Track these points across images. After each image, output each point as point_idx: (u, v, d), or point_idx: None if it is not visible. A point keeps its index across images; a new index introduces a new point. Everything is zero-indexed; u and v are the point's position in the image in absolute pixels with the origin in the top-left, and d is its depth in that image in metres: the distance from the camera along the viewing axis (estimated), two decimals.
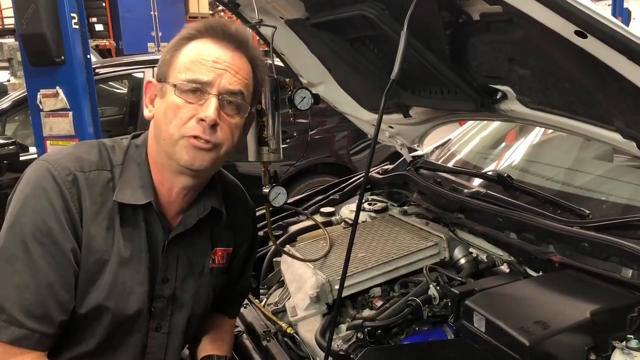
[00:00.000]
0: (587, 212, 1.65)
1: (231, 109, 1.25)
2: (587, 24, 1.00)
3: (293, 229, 2.28)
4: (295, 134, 4.60)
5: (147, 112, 1.30)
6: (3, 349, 1.16)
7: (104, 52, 11.55)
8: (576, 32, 1.04)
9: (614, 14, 8.94)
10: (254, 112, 1.41)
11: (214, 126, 1.21)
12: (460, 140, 2.62)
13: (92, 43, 9.67)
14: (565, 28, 1.05)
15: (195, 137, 1.21)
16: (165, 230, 1.31)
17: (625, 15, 9.23)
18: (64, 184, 1.20)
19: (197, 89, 1.21)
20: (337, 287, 1.63)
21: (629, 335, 1.23)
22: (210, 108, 1.20)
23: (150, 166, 1.30)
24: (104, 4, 12.13)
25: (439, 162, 2.44)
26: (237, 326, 1.72)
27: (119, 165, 1.29)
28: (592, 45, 1.05)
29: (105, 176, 1.26)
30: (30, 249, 1.16)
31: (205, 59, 1.22)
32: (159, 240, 1.31)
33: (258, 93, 1.35)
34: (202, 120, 1.20)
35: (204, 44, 1.24)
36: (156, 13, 12.86)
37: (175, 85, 1.21)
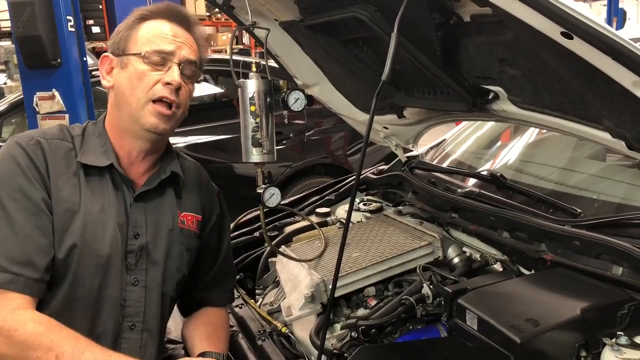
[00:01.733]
0: (579, 210, 1.67)
1: (188, 77, 1.44)
2: (572, 25, 1.01)
3: (289, 229, 2.29)
4: (291, 135, 4.61)
5: (105, 82, 1.47)
6: None
7: (100, 55, 11.53)
8: (562, 34, 1.05)
9: (609, 14, 8.97)
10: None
11: (177, 89, 1.40)
12: (454, 140, 2.63)
13: (88, 45, 9.64)
14: (551, 29, 1.07)
15: (161, 100, 1.39)
16: (130, 190, 1.45)
17: (620, 16, 9.24)
18: (28, 146, 1.35)
19: (162, 58, 1.40)
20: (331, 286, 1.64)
21: (619, 332, 1.24)
22: (175, 73, 1.40)
23: (110, 135, 1.46)
24: (100, 6, 12.10)
25: (433, 162, 2.45)
26: (232, 326, 1.73)
27: (78, 137, 1.44)
28: (579, 46, 1.07)
29: (67, 145, 1.41)
30: (5, 206, 1.29)
31: (167, 33, 1.42)
32: (127, 199, 1.44)
33: (202, 68, 1.53)
34: (169, 83, 1.39)
35: (162, 23, 1.44)
36: None
37: (143, 55, 1.38)
